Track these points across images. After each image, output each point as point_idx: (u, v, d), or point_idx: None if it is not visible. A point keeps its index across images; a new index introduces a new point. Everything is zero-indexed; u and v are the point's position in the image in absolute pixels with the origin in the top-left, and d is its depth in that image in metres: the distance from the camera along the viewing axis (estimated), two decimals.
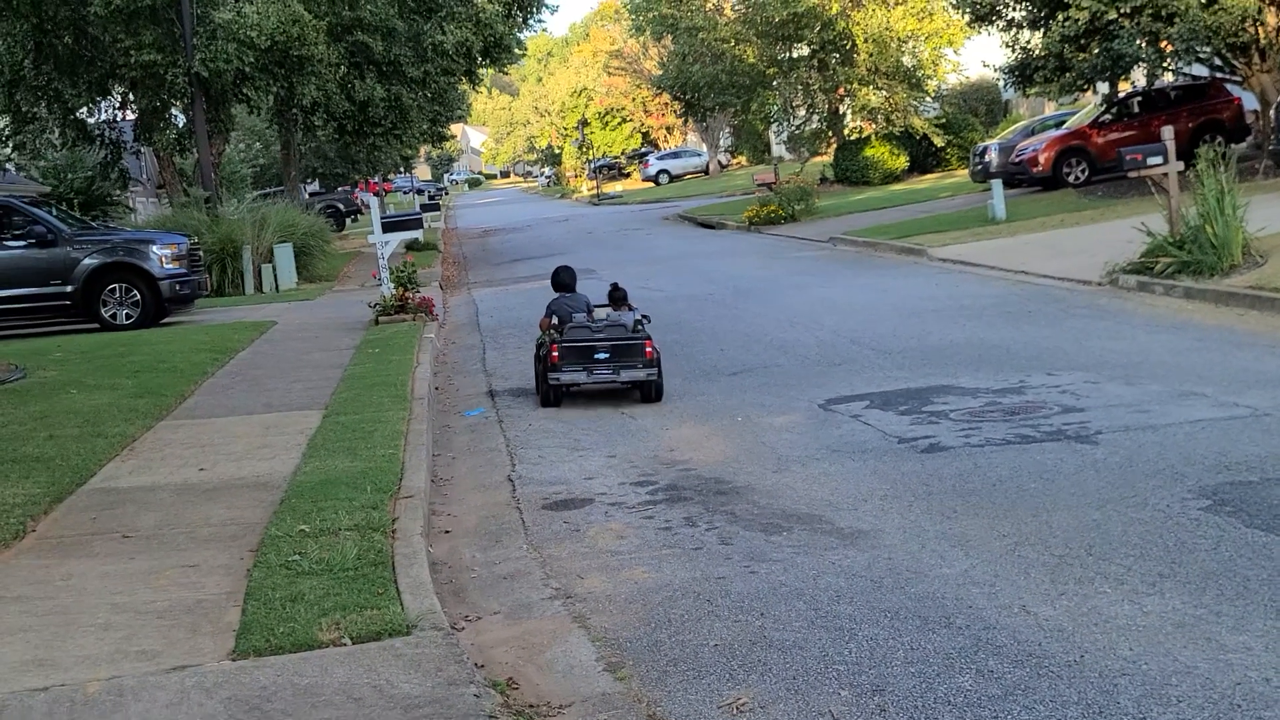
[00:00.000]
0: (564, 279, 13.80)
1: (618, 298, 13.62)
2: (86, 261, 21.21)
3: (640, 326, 12.91)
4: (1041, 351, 13.07)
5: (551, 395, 12.88)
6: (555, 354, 12.71)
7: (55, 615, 6.64)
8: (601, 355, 12.67)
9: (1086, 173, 31.79)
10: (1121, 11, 26.47)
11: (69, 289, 21.12)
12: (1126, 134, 30.57)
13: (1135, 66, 29.86)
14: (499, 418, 12.51)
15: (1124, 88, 34.77)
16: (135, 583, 7.15)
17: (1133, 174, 18.12)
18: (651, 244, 35.11)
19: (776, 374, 13.39)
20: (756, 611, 6.47)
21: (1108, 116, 32.39)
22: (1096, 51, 28.12)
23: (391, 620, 6.19)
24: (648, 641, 6.22)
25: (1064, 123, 34.93)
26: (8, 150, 35.04)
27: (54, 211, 23.29)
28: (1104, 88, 33.86)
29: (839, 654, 5.83)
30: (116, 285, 21.28)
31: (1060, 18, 28.07)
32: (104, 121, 36.22)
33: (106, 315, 21.21)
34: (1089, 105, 36.66)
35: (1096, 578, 6.51)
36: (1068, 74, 29.60)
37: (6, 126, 34.21)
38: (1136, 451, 8.82)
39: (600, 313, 13.42)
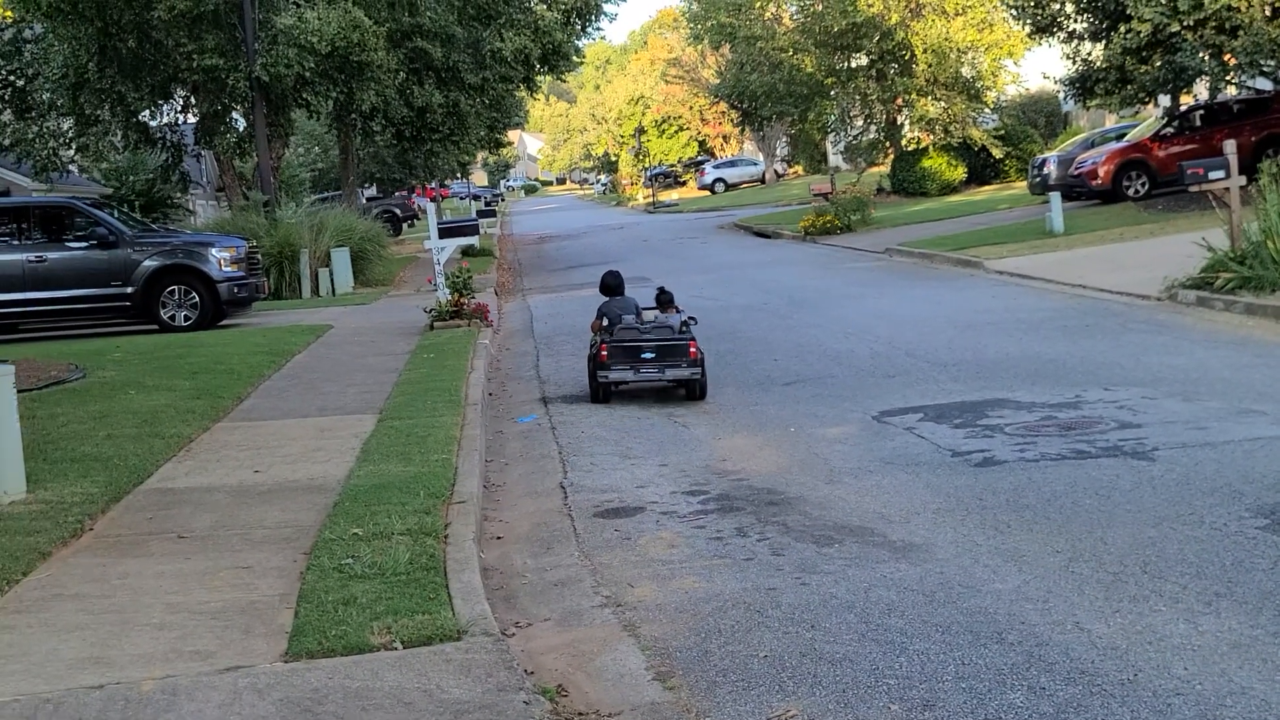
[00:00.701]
0: (611, 283, 14.36)
1: (664, 300, 14.15)
2: (146, 263, 21.41)
3: (686, 328, 13.46)
4: (1098, 366, 12.96)
5: (600, 392, 13.48)
6: (604, 353, 13.30)
7: (111, 614, 6.72)
8: (648, 355, 13.25)
9: (1147, 186, 31.48)
10: (1184, 24, 26.22)
11: (129, 290, 21.33)
12: (1188, 147, 30.22)
13: (1197, 80, 29.59)
14: (552, 424, 12.54)
15: (1186, 101, 34.46)
16: (190, 583, 7.22)
17: (1194, 188, 17.94)
18: (706, 252, 35.10)
19: (830, 385, 13.35)
20: (807, 623, 6.45)
21: (1169, 130, 32.07)
22: (1158, 64, 27.86)
23: (442, 625, 6.22)
24: (697, 651, 6.22)
25: (1124, 135, 34.65)
26: (71, 152, 35.45)
27: (115, 213, 23.55)
28: (1165, 101, 33.61)
29: (890, 668, 5.81)
30: (176, 287, 21.47)
31: (1122, 30, 27.83)
32: (165, 124, 36.58)
33: (165, 317, 21.40)
34: (1150, 118, 36.37)
35: (1152, 596, 6.45)
36: (1129, 86, 29.35)
37: (70, 129, 34.61)
38: (1194, 469, 8.73)
39: (649, 315, 13.92)
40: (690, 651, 6.23)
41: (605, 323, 13.79)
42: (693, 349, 13.24)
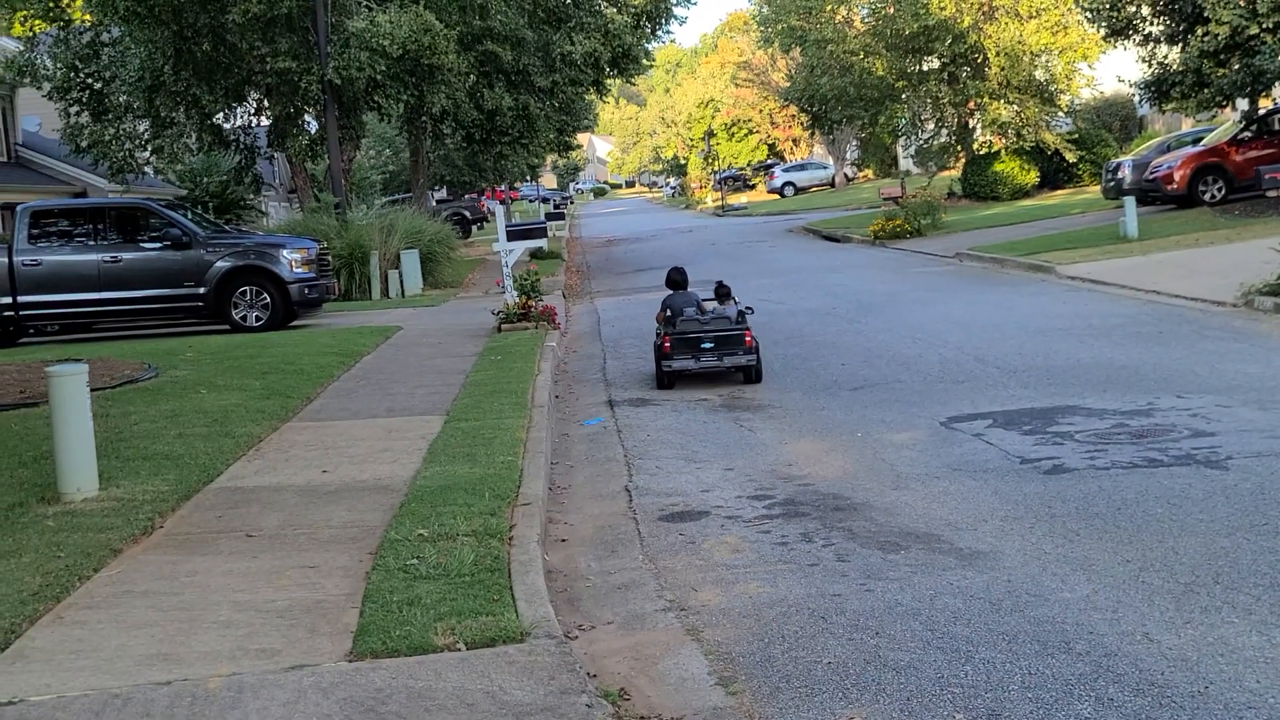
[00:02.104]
0: (676, 278, 15.63)
1: (723, 293, 15.38)
2: (219, 264, 21.64)
3: (742, 318, 14.62)
4: (1172, 374, 12.79)
5: (665, 380, 14.58)
6: (667, 345, 14.46)
7: (180, 611, 6.78)
8: (707, 345, 14.38)
9: (1223, 191, 31.03)
10: (1264, 26, 25.85)
11: (202, 290, 21.58)
12: (1266, 152, 29.76)
13: (1277, 83, 29.11)
14: (618, 427, 12.54)
15: (1264, 104, 33.94)
16: (257, 581, 7.28)
17: (1271, 193, 17.71)
18: (774, 256, 35.01)
19: (898, 390, 13.26)
20: (871, 630, 6.40)
21: (1247, 134, 31.58)
22: (1237, 67, 27.48)
23: (506, 627, 6.22)
24: (761, 657, 6.19)
25: (1201, 139, 34.19)
26: (146, 154, 35.91)
27: (189, 215, 23.80)
28: (1243, 104, 33.10)
29: (955, 676, 5.75)
30: (247, 288, 21.69)
31: (1199, 33, 27.49)
32: (239, 127, 36.98)
33: (237, 317, 21.63)
34: (1227, 122, 35.86)
35: (1224, 607, 6.35)
36: (1206, 90, 28.96)
37: (146, 131, 35.06)
38: (1269, 478, 8.58)
39: (708, 306, 15.10)
40: (753, 656, 6.20)
41: (669, 314, 14.88)
42: (748, 338, 14.36)
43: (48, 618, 6.72)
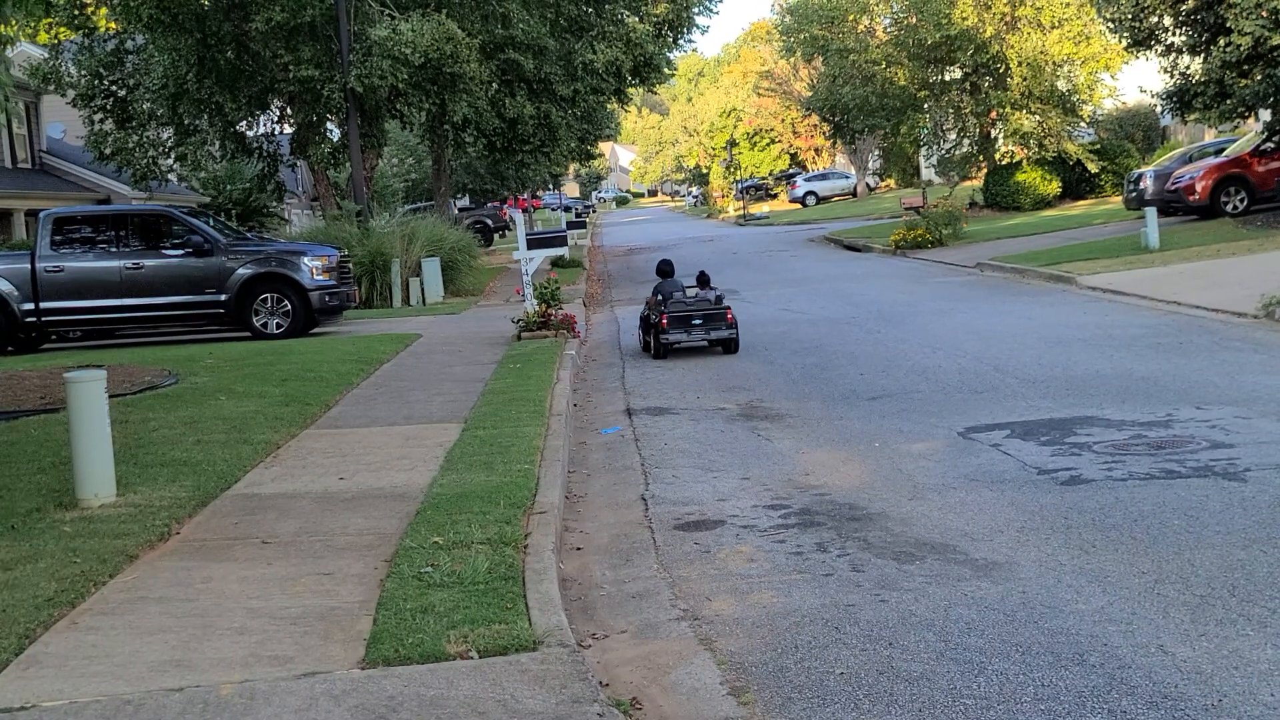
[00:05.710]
0: (665, 268, 19.02)
1: (703, 280, 18.59)
2: (240, 271, 21.68)
3: (720, 300, 17.84)
4: (1191, 385, 12.73)
5: (662, 350, 17.77)
6: (665, 321, 17.61)
7: (194, 618, 6.80)
8: (696, 321, 17.67)
9: (1245, 202, 30.93)
10: None
11: (223, 297, 21.62)
12: None
13: None
14: (635, 436, 12.54)
15: None
16: (272, 588, 7.29)
17: None
18: (795, 265, 34.98)
19: (916, 400, 13.23)
20: (885, 641, 6.39)
21: (1269, 144, 31.44)
22: (1259, 78, 27.34)
23: (519, 635, 6.22)
24: (773, 667, 6.18)
25: (1223, 150, 34.05)
26: (170, 161, 36.08)
27: (211, 222, 23.88)
28: (1266, 115, 32.95)
29: (968, 688, 5.73)
30: (268, 295, 21.72)
31: (1221, 43, 27.37)
32: (262, 135, 37.15)
33: (258, 324, 21.67)
34: (1250, 133, 35.70)
35: (1239, 619, 6.32)
36: (1228, 100, 28.82)
37: (169, 138, 35.23)
38: None
39: (690, 291, 18.09)
40: (766, 667, 6.19)
41: (659, 298, 17.96)
42: (729, 315, 17.62)
43: (62, 623, 6.75)
